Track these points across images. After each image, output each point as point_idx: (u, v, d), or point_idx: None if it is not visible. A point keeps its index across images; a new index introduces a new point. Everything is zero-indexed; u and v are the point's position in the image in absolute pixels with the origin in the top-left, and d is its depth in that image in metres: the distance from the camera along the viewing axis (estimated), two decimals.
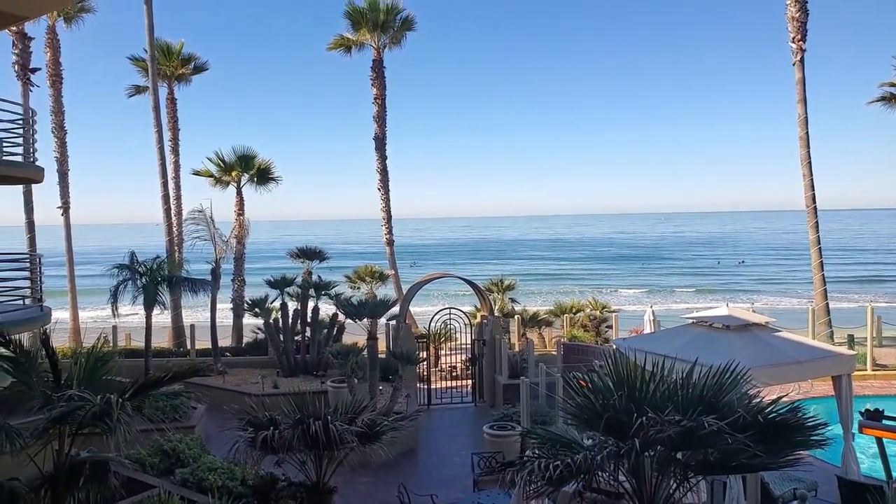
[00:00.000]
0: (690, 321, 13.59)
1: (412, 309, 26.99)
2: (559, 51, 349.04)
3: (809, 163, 27.33)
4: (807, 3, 27.08)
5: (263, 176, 30.77)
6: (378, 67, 33.68)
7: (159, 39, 32.13)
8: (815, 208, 27.54)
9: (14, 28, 27.23)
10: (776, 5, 28.13)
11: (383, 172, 34.00)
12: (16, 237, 34.26)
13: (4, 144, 14.94)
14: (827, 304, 27.31)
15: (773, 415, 6.66)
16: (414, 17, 33.52)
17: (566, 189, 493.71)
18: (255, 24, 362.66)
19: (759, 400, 7.09)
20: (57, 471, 8.66)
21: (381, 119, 33.77)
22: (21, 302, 15.22)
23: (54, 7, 24.27)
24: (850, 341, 25.15)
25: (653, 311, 24.34)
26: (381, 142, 33.89)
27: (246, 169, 30.18)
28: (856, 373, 13.64)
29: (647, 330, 23.25)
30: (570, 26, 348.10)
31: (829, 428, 7.08)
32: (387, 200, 34.23)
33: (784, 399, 7.16)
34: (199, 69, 34.57)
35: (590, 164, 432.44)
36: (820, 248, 27.69)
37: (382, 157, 33.95)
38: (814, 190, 27.42)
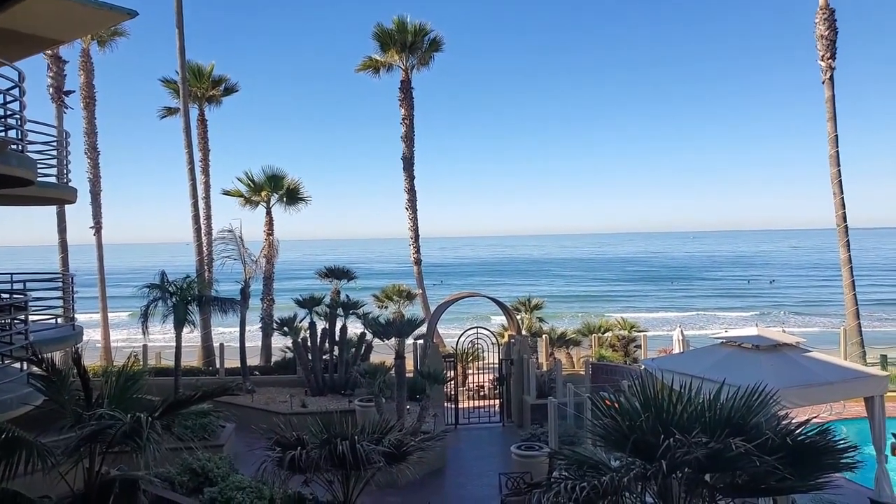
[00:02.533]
0: (720, 341, 13.46)
1: (440, 328, 26.96)
2: (584, 67, 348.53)
3: (840, 181, 26.97)
4: (836, 21, 26.88)
5: (293, 196, 30.91)
6: (406, 88, 33.88)
7: (191, 62, 32.60)
8: (846, 227, 27.09)
9: (49, 52, 27.86)
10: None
11: (411, 192, 34.11)
12: (49, 256, 34.77)
13: (39, 166, 15.24)
14: (859, 323, 26.84)
15: (802, 437, 6.59)
16: (442, 37, 33.67)
17: (593, 208, 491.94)
18: (283, 46, 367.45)
19: (788, 422, 7.01)
20: (87, 489, 8.74)
21: (408, 139, 33.89)
22: (54, 321, 15.44)
23: (88, 31, 24.66)
24: (884, 362, 24.68)
25: (682, 331, 24.14)
26: (408, 162, 34.00)
27: (275, 189, 30.40)
28: (889, 394, 13.36)
29: (676, 350, 23.07)
30: (592, 42, 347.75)
31: (861, 450, 7.00)
32: (414, 220, 34.31)
33: (815, 420, 7.09)
34: (230, 90, 35.05)
35: (617, 182, 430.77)
36: (851, 267, 27.20)
37: (410, 177, 34.05)
38: (844, 208, 27.04)
